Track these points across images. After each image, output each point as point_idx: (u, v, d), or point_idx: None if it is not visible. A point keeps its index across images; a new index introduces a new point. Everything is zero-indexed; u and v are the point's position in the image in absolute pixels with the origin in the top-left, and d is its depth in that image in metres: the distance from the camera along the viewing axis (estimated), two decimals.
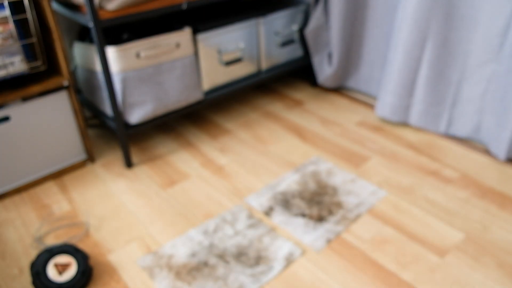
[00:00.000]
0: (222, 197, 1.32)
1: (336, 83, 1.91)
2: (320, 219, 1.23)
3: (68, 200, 1.34)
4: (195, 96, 1.54)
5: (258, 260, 1.10)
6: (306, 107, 1.83)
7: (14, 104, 1.29)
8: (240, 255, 1.12)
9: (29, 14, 1.25)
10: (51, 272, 1.00)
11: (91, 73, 1.47)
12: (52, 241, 1.19)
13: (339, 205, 1.28)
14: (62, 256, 1.03)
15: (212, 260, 1.11)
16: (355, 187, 1.34)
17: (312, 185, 1.36)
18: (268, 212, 1.26)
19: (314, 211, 1.26)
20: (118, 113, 1.37)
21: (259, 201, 1.30)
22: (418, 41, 1.48)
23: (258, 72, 1.75)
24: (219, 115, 1.81)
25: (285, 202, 1.30)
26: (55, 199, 1.35)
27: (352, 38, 1.81)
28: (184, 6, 1.34)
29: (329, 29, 1.78)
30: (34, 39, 1.28)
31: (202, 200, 1.31)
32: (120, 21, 1.27)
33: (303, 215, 1.24)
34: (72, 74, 1.62)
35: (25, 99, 1.31)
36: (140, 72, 1.37)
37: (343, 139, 1.59)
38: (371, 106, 1.81)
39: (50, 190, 1.39)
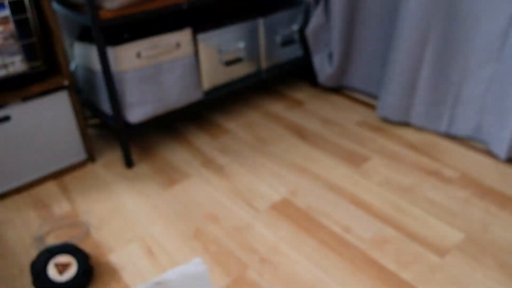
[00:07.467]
0: (222, 197, 1.32)
1: (336, 83, 1.91)
2: None
3: (69, 200, 1.34)
4: (195, 96, 1.54)
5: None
6: (306, 107, 1.83)
7: (14, 104, 1.29)
8: None
9: (30, 14, 1.25)
10: (52, 272, 1.00)
11: (91, 73, 1.47)
12: (52, 241, 1.19)
13: None
14: (62, 256, 1.03)
15: None
16: None
17: None
18: None
19: None
20: (118, 113, 1.37)
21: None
22: (419, 40, 1.48)
23: (258, 72, 1.75)
24: (219, 115, 1.81)
25: None
26: (55, 199, 1.35)
27: (352, 38, 1.81)
28: (185, 6, 1.34)
29: (330, 28, 1.78)
30: (34, 39, 1.28)
31: (203, 200, 1.31)
32: (120, 21, 1.27)
33: None
34: (73, 74, 1.62)
35: (26, 99, 1.31)
36: (140, 72, 1.37)
37: (343, 139, 1.59)
38: (371, 106, 1.81)
39: (50, 190, 1.39)
